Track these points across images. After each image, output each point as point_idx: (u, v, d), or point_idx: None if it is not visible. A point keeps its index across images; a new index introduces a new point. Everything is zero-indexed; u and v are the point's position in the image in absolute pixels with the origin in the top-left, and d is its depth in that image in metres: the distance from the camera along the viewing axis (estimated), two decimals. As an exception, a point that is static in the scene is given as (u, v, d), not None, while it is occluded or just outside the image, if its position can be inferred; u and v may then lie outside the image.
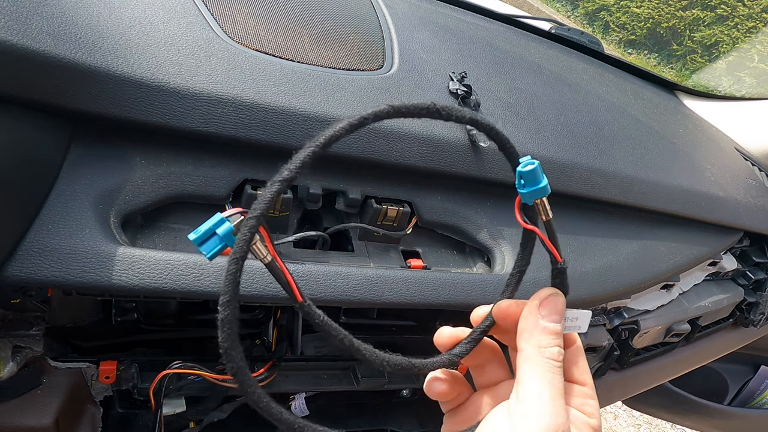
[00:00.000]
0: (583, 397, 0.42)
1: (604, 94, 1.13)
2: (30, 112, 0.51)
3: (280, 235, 0.67)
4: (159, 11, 0.64)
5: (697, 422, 1.71)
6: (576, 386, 0.42)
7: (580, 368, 0.43)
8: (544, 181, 0.40)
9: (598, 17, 6.56)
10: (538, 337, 0.40)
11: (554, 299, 0.42)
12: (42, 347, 0.60)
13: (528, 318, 0.42)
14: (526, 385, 0.39)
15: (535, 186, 0.40)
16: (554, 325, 0.41)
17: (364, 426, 0.91)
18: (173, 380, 0.68)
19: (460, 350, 0.45)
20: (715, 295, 1.16)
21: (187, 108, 0.59)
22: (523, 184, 0.40)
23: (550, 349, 0.40)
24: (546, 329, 0.41)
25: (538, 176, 0.40)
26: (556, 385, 0.39)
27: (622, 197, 0.92)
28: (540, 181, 0.40)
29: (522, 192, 0.41)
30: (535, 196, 0.40)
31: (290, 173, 0.34)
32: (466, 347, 0.45)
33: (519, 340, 0.41)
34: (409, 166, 0.71)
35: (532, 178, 0.40)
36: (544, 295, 0.42)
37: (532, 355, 0.40)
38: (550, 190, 0.40)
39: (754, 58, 5.02)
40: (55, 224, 0.51)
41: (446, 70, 0.84)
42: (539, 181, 0.40)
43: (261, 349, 0.78)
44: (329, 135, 0.36)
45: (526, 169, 0.39)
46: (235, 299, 0.34)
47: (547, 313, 0.41)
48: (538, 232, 0.42)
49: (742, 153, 1.33)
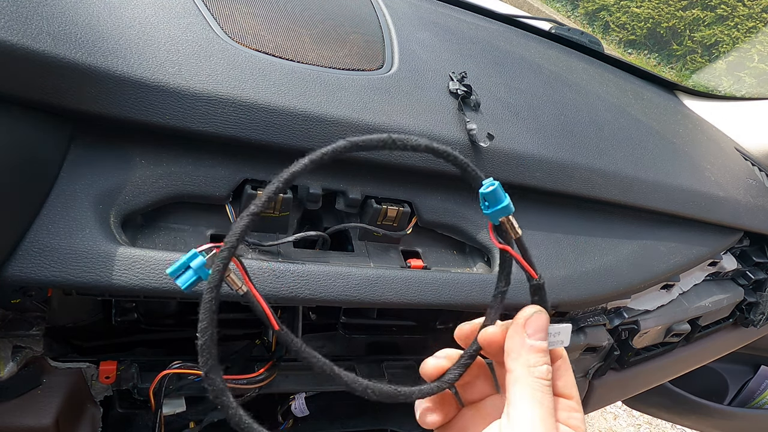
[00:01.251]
0: (569, 410, 0.42)
1: (604, 94, 1.13)
2: (30, 112, 0.51)
3: (280, 235, 0.67)
4: (159, 11, 0.64)
5: (697, 422, 1.71)
6: (562, 400, 0.43)
7: (566, 382, 0.44)
8: (506, 201, 0.41)
9: (598, 17, 6.56)
10: (526, 356, 0.41)
11: (538, 317, 0.43)
12: (42, 347, 0.60)
13: (514, 338, 0.42)
14: (517, 406, 0.40)
15: (497, 206, 0.41)
16: (540, 342, 0.42)
17: (364, 426, 0.91)
18: (173, 380, 0.68)
19: (449, 377, 0.46)
20: (715, 295, 1.16)
21: (187, 108, 0.59)
22: (488, 205, 0.42)
23: (539, 368, 0.41)
24: (533, 348, 0.42)
25: (500, 196, 0.41)
26: (546, 405, 0.40)
27: (622, 197, 0.92)
28: (501, 200, 0.41)
29: (487, 213, 0.42)
30: (500, 215, 0.42)
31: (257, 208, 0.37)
32: (455, 374, 0.46)
33: (507, 360, 0.42)
34: (409, 166, 0.71)
35: (493, 198, 0.41)
36: (528, 313, 0.43)
37: (522, 376, 0.41)
38: (513, 208, 0.42)
39: (754, 58, 5.02)
40: (55, 224, 0.51)
41: (446, 70, 0.84)
42: (501, 200, 0.41)
43: (261, 349, 0.78)
44: (288, 175, 0.38)
45: (487, 190, 0.41)
46: (212, 326, 0.35)
47: (533, 331, 0.42)
48: (510, 251, 0.44)
49: (742, 153, 1.33)
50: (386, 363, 0.82)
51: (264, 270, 0.59)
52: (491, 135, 0.75)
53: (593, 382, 1.03)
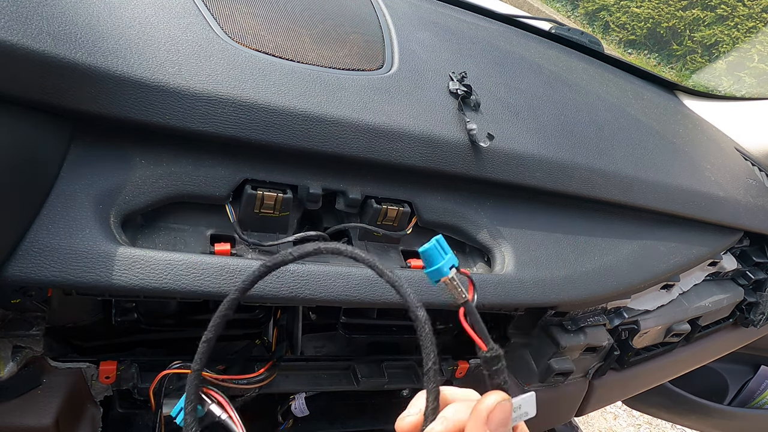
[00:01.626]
0: None
1: (604, 94, 1.13)
2: (30, 112, 0.51)
3: (280, 235, 0.67)
4: (159, 11, 0.64)
5: (697, 422, 1.71)
6: None
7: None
8: (440, 262, 0.38)
9: (598, 17, 6.56)
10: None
11: (501, 407, 0.37)
12: (42, 347, 0.60)
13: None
14: None
15: (431, 266, 0.38)
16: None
17: (364, 426, 0.91)
18: (173, 380, 0.68)
19: None
20: (715, 295, 1.16)
21: (187, 108, 0.59)
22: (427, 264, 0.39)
23: None
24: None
25: (434, 255, 0.38)
26: None
27: (622, 197, 0.92)
28: (436, 260, 0.38)
29: (426, 272, 0.39)
30: (436, 276, 0.39)
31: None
32: None
33: None
34: (409, 166, 0.71)
35: (428, 258, 0.38)
36: (490, 404, 0.37)
37: None
38: (447, 272, 0.38)
39: (754, 58, 5.02)
40: (55, 224, 0.51)
41: (446, 70, 0.84)
42: (435, 260, 0.38)
43: (261, 349, 0.78)
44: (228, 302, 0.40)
45: (423, 248, 0.38)
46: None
47: (496, 426, 0.37)
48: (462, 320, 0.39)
49: (742, 153, 1.33)
50: (386, 363, 0.82)
51: (264, 270, 0.59)
52: (491, 135, 0.75)
53: (593, 382, 1.03)
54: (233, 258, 0.59)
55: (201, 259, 0.57)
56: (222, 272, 0.57)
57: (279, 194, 0.64)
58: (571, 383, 0.98)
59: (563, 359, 0.89)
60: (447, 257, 0.38)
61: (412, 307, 0.38)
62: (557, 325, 0.88)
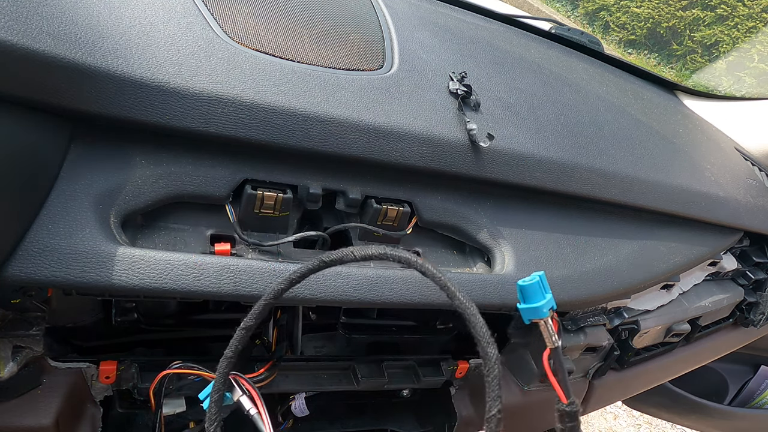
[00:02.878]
0: None
1: (604, 94, 1.13)
2: (30, 112, 0.51)
3: (280, 235, 0.67)
4: (159, 11, 0.64)
5: (697, 422, 1.71)
6: None
7: None
8: (541, 300, 0.35)
9: (598, 17, 6.56)
10: None
11: None
12: (42, 347, 0.60)
13: None
14: None
15: (531, 303, 0.36)
16: None
17: (364, 426, 0.91)
18: (173, 380, 0.68)
19: None
20: (715, 295, 1.16)
21: (187, 108, 0.59)
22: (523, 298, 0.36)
23: None
24: None
25: (536, 292, 0.36)
26: None
27: (622, 197, 0.92)
28: (537, 298, 0.36)
29: (519, 307, 0.36)
30: (531, 316, 0.37)
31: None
32: None
33: None
34: (409, 166, 0.71)
35: (529, 293, 0.36)
36: None
37: None
38: (546, 313, 0.36)
39: (754, 58, 5.02)
40: (55, 224, 0.51)
41: (446, 70, 0.84)
42: (536, 298, 0.36)
43: (261, 349, 0.78)
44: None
45: (525, 282, 0.36)
46: None
47: None
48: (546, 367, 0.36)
49: (742, 153, 1.33)
50: (386, 363, 0.82)
51: (264, 270, 0.59)
52: (491, 135, 0.75)
53: (593, 382, 1.03)
54: (233, 258, 0.59)
55: (201, 259, 0.57)
56: (222, 272, 0.57)
57: (279, 194, 0.64)
58: (571, 383, 0.98)
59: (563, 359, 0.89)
60: (548, 297, 0.37)
61: (483, 343, 0.37)
62: (557, 325, 0.88)
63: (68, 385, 0.62)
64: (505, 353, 0.91)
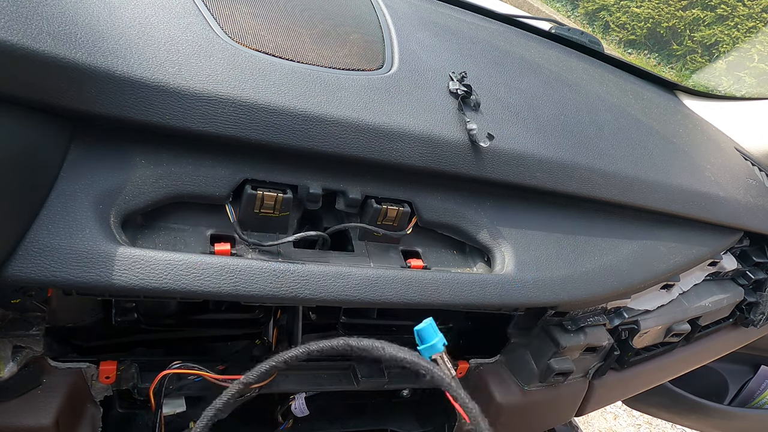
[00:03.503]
0: None
1: (604, 94, 1.13)
2: (30, 112, 0.51)
3: (280, 235, 0.67)
4: (159, 11, 0.64)
5: (697, 422, 1.71)
6: None
7: None
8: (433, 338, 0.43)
9: (598, 17, 6.56)
10: None
11: None
12: (42, 347, 0.60)
13: None
14: None
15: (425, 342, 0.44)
16: None
17: (364, 426, 0.91)
18: (173, 380, 0.68)
19: None
20: (715, 295, 1.16)
21: (187, 108, 0.59)
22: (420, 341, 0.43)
23: None
24: None
25: (429, 333, 0.43)
26: None
27: (622, 197, 0.92)
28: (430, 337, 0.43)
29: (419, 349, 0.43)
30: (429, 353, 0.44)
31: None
32: None
33: None
34: (409, 166, 0.71)
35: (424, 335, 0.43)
36: None
37: None
38: (441, 348, 0.44)
39: (754, 58, 5.02)
40: (55, 224, 0.51)
41: (446, 70, 0.84)
42: (429, 337, 0.43)
43: (261, 349, 0.78)
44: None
45: (420, 326, 0.44)
46: None
47: None
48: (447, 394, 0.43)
49: (742, 153, 1.33)
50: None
51: (264, 270, 0.59)
52: (491, 135, 0.75)
53: (593, 382, 1.03)
54: (233, 258, 0.59)
55: (201, 259, 0.57)
56: (222, 272, 0.57)
57: (279, 194, 0.64)
58: (571, 383, 0.98)
59: (563, 359, 0.89)
60: (439, 336, 0.44)
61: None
62: (557, 325, 0.88)
63: (68, 385, 0.62)
64: (505, 353, 0.91)
